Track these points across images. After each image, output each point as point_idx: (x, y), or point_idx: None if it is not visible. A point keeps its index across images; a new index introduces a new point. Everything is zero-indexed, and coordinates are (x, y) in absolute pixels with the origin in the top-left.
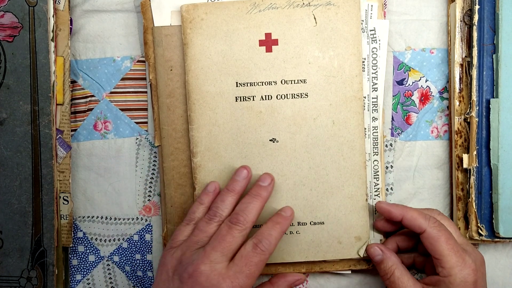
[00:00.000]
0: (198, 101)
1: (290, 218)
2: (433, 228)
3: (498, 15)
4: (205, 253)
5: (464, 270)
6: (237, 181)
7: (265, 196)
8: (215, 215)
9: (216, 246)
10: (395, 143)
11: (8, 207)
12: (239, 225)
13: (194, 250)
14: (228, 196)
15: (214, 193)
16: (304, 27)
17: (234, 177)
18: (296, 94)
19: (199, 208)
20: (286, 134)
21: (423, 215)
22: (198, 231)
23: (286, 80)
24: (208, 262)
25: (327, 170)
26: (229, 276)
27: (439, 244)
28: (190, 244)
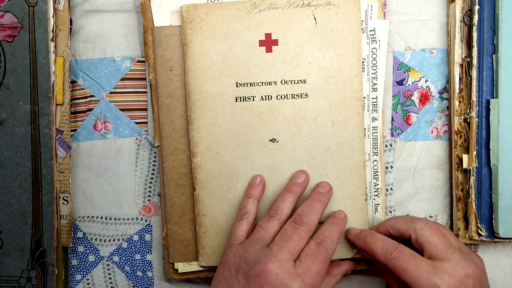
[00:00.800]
0: (198, 101)
1: (345, 220)
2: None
3: (498, 15)
4: (271, 252)
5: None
6: (297, 184)
7: (325, 201)
8: (275, 213)
9: (283, 245)
10: (395, 143)
11: (8, 207)
12: (304, 225)
13: (258, 248)
14: (288, 196)
15: (261, 185)
16: (304, 27)
17: (293, 180)
18: (296, 94)
19: (248, 202)
20: (286, 134)
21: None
22: (259, 229)
23: (286, 80)
24: (276, 261)
25: (327, 170)
26: (299, 274)
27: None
28: (252, 242)
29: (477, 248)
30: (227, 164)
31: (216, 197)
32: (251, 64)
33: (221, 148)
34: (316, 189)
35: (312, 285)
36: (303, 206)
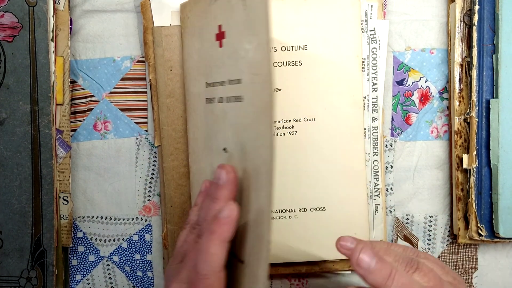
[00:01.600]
0: (188, 102)
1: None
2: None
3: (498, 15)
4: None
5: None
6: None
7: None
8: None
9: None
10: (395, 143)
11: (8, 207)
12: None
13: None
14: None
15: (205, 192)
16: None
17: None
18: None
19: (193, 210)
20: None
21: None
22: (183, 243)
23: (231, 79)
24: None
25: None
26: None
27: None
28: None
29: (477, 248)
30: (204, 169)
31: None
32: (211, 61)
33: (200, 151)
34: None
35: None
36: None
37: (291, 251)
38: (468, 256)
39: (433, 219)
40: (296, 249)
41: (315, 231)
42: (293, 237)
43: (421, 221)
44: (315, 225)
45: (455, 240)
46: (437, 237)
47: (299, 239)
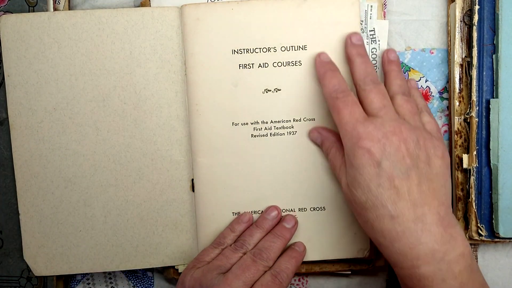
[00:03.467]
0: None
1: (304, 253)
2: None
3: (498, 15)
4: (226, 280)
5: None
6: (267, 220)
7: (288, 237)
8: (241, 247)
9: (240, 274)
10: None
11: (8, 207)
12: (263, 261)
13: (215, 275)
14: (257, 232)
15: (248, 223)
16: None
17: (264, 215)
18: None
19: (230, 235)
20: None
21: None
22: (222, 257)
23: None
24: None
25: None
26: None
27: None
28: (212, 268)
29: (477, 248)
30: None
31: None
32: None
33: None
34: (282, 223)
35: None
36: (265, 241)
37: None
38: None
39: None
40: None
41: (315, 230)
42: (293, 237)
43: None
44: (315, 225)
45: None
46: None
47: (299, 239)
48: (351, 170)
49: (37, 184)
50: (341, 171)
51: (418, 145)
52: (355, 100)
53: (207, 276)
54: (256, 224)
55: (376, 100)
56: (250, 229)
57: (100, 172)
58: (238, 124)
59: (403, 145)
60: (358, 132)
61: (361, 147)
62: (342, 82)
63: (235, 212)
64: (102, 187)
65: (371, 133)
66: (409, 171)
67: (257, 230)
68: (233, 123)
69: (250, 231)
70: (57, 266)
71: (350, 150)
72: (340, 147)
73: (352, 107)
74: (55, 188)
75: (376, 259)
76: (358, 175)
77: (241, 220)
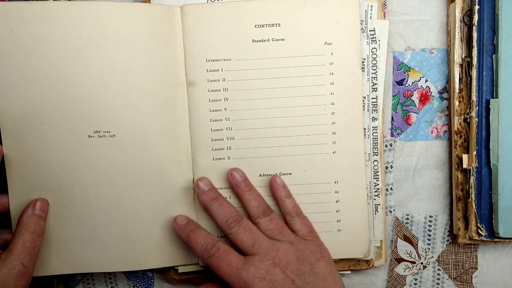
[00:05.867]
0: None
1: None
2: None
3: (498, 15)
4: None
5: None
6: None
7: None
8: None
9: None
10: (395, 143)
11: None
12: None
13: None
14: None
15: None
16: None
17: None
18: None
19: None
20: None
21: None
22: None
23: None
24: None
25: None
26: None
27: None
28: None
29: (477, 248)
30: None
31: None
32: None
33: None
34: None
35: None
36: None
37: None
38: (468, 256)
39: (433, 219)
40: None
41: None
42: None
43: (421, 221)
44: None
45: (455, 240)
46: (437, 237)
47: None
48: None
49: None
50: None
51: (299, 261)
52: (226, 248)
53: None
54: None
55: (246, 238)
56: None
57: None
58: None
59: (287, 271)
60: (244, 280)
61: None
62: (207, 237)
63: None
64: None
65: (255, 275)
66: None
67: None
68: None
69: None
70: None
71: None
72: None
73: (227, 258)
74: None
75: (376, 259)
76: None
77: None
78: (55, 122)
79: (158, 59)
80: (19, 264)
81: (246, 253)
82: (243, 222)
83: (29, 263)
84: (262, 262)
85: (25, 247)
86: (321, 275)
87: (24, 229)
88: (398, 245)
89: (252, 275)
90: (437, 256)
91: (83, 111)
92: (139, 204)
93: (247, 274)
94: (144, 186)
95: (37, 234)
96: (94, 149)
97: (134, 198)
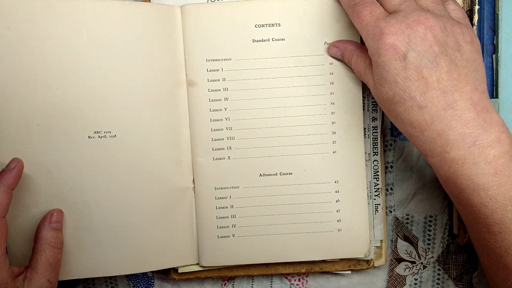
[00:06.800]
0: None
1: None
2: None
3: (498, 15)
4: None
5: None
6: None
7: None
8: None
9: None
10: (395, 143)
11: None
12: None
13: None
14: None
15: None
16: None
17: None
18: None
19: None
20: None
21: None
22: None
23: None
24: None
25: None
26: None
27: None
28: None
29: None
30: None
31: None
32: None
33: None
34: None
35: None
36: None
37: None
38: (468, 256)
39: (433, 219)
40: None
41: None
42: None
43: (421, 221)
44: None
45: (455, 240)
46: (437, 237)
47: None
48: (377, 69)
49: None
50: (365, 74)
51: (445, 32)
52: (373, 0)
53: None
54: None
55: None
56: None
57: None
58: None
59: (430, 33)
60: (380, 28)
61: (385, 43)
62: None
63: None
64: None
65: (394, 26)
66: (438, 59)
67: None
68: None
69: None
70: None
71: (374, 49)
72: (360, 53)
73: (371, 7)
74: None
75: (376, 259)
76: (384, 72)
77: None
78: (52, 123)
79: (158, 58)
80: (46, 281)
81: (391, 12)
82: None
83: (54, 278)
84: (406, 18)
85: (50, 263)
86: (464, 56)
87: (45, 244)
88: (398, 245)
89: (391, 25)
90: (437, 256)
91: (83, 111)
92: (139, 204)
93: (385, 23)
94: (144, 186)
95: (58, 248)
96: (94, 150)
97: (134, 198)
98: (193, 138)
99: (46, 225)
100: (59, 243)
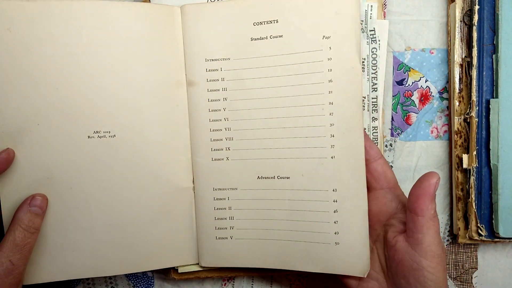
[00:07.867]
0: None
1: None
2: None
3: (498, 15)
4: None
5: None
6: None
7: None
8: None
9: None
10: (395, 143)
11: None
12: None
13: None
14: None
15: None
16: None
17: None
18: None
19: None
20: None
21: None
22: None
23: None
24: None
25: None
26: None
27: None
28: None
29: (477, 248)
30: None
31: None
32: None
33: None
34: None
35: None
36: None
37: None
38: (468, 256)
39: None
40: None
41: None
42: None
43: None
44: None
45: (455, 240)
46: None
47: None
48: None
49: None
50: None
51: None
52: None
53: None
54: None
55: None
56: None
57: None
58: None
59: None
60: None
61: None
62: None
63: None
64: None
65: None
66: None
67: None
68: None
69: None
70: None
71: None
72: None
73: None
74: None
75: None
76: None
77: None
78: (52, 123)
79: (158, 59)
80: (7, 261)
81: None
82: None
83: (19, 261)
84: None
85: (15, 244)
86: None
87: (16, 225)
88: None
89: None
90: None
91: (82, 111)
92: (138, 204)
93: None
94: (143, 186)
95: (30, 231)
96: (94, 150)
97: (134, 198)
98: (193, 138)
99: (24, 206)
100: (33, 227)
